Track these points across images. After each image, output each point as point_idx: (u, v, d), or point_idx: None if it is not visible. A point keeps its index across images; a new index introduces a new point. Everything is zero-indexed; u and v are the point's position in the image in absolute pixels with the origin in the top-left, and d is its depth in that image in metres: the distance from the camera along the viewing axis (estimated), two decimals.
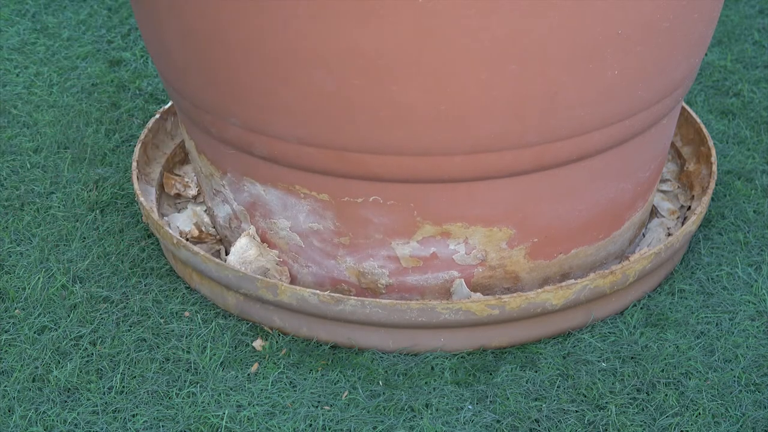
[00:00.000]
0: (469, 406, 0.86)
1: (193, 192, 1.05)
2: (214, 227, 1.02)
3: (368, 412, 0.86)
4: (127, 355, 0.90)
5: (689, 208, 1.03)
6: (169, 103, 1.08)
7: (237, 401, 0.86)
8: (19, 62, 1.24)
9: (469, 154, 0.85)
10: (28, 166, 1.10)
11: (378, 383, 0.89)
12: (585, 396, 0.87)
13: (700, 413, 0.86)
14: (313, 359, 0.91)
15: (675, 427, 0.85)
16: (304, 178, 0.88)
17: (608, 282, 0.91)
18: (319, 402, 0.87)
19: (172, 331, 0.93)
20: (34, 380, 0.88)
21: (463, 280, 0.91)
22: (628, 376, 0.89)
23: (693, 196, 1.04)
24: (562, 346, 0.92)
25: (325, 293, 0.89)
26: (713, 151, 1.03)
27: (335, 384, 0.88)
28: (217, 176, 0.94)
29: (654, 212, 1.04)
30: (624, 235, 0.96)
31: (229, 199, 0.94)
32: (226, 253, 0.99)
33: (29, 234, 1.02)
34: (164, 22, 0.87)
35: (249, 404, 0.86)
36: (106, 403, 0.86)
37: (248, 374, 0.89)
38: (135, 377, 0.88)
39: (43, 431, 0.84)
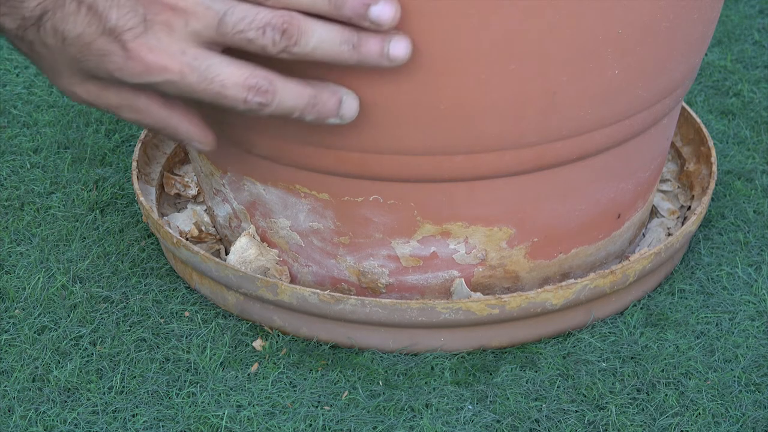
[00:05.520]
0: (469, 406, 0.86)
1: (193, 192, 1.05)
2: (213, 227, 1.02)
3: (368, 412, 0.86)
4: (127, 355, 0.90)
5: (689, 208, 1.03)
6: None
7: (237, 401, 0.86)
8: (19, 62, 1.24)
9: (469, 154, 0.85)
10: (28, 166, 1.10)
11: (378, 383, 0.89)
12: (585, 396, 0.87)
13: (700, 413, 0.86)
14: (313, 359, 0.91)
15: (675, 427, 0.85)
16: (304, 177, 0.88)
17: (608, 282, 0.91)
18: (319, 402, 0.87)
19: (172, 331, 0.93)
20: (34, 380, 0.88)
21: (463, 279, 0.91)
22: (628, 376, 0.89)
23: (693, 196, 1.04)
24: (562, 346, 0.92)
25: (325, 292, 0.89)
26: (713, 151, 1.03)
27: (335, 384, 0.88)
28: (217, 175, 0.94)
29: (654, 212, 1.04)
30: (624, 235, 0.96)
31: (229, 198, 0.94)
32: (226, 253, 0.99)
33: (29, 234, 1.02)
34: None
35: (249, 404, 0.86)
36: (106, 403, 0.86)
37: (248, 374, 0.89)
38: (135, 377, 0.88)
39: (43, 431, 0.84)
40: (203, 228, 1.02)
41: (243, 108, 0.78)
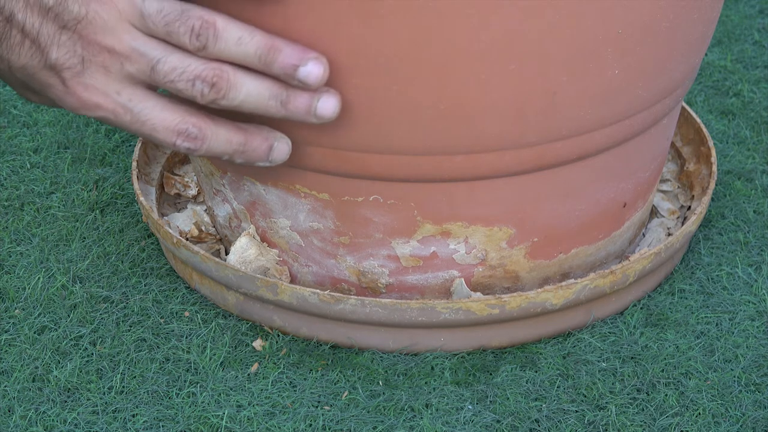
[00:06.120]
0: (469, 406, 0.86)
1: (193, 192, 1.05)
2: (213, 227, 1.02)
3: (368, 412, 0.86)
4: (127, 355, 0.90)
5: (689, 208, 1.03)
6: None
7: (237, 401, 0.86)
8: None
9: (469, 154, 0.85)
10: (28, 166, 1.10)
11: (378, 383, 0.89)
12: (585, 396, 0.87)
13: (700, 413, 0.86)
14: (313, 359, 0.91)
15: (675, 427, 0.85)
16: (304, 177, 0.88)
17: (608, 282, 0.91)
18: (319, 402, 0.87)
19: (172, 331, 0.93)
20: (34, 380, 0.88)
21: (463, 279, 0.91)
22: (628, 376, 0.89)
23: (693, 196, 1.04)
24: (562, 346, 0.92)
25: (325, 292, 0.89)
26: (713, 151, 1.03)
27: (335, 384, 0.88)
28: (217, 175, 0.94)
29: (654, 212, 1.04)
30: (624, 235, 0.96)
31: (229, 198, 0.94)
32: (226, 253, 0.99)
33: (29, 234, 1.02)
34: None
35: (249, 404, 0.86)
36: (106, 403, 0.86)
37: (248, 374, 0.89)
38: (135, 377, 0.88)
39: (43, 431, 0.84)
40: (203, 228, 1.02)
41: (173, 149, 0.80)
